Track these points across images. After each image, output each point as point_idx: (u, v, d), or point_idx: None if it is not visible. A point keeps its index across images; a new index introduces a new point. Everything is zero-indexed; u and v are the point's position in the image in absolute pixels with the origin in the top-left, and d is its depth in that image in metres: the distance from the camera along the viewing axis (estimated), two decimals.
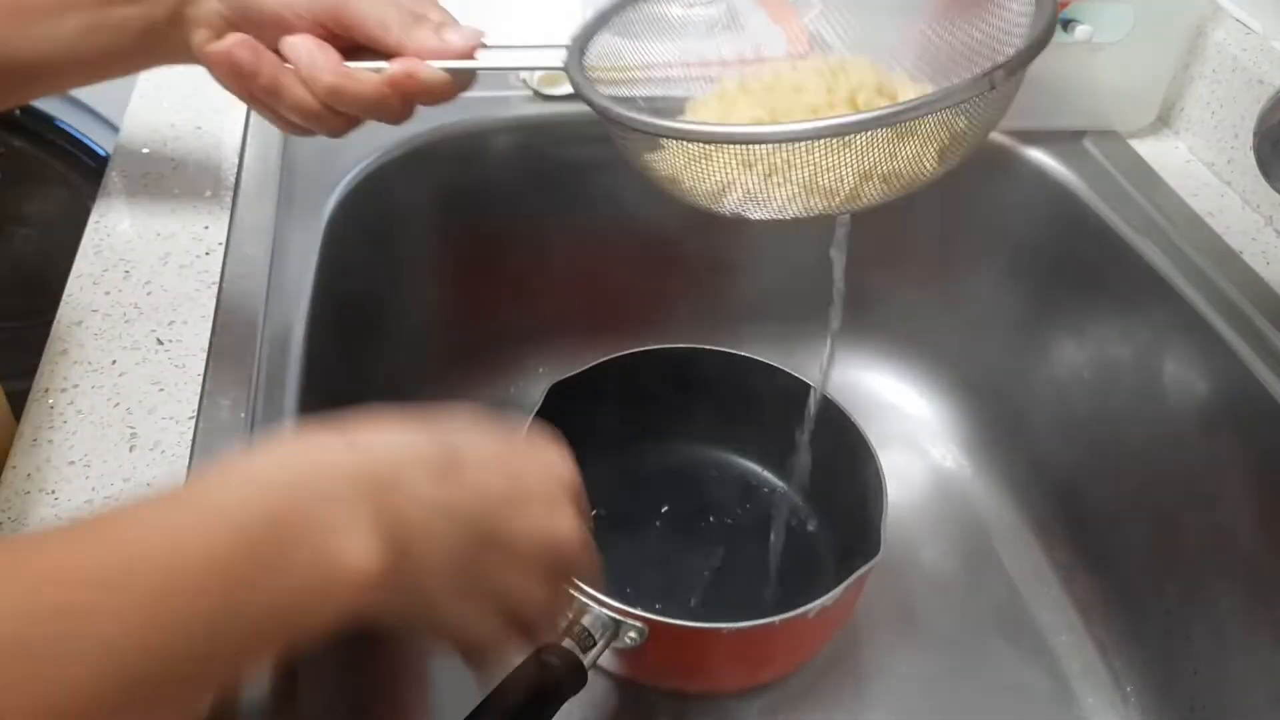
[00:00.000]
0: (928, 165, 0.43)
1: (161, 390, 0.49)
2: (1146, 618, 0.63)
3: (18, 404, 0.48)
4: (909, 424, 0.79)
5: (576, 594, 0.52)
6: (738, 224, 0.46)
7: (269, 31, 0.46)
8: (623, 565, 0.58)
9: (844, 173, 0.41)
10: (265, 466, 0.31)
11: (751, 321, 0.78)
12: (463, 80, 0.50)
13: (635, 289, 0.77)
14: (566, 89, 0.70)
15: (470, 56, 0.49)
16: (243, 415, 0.48)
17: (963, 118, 0.42)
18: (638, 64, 0.69)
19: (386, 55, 0.48)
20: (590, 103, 0.45)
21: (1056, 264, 0.69)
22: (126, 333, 0.52)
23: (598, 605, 0.52)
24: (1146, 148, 0.70)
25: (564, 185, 0.73)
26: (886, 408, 0.79)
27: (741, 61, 0.71)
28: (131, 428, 0.47)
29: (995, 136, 0.70)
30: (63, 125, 1.17)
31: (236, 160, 0.63)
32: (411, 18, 0.48)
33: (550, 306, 0.78)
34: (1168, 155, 0.70)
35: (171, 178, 0.62)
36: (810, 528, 0.70)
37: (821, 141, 0.40)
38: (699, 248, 0.76)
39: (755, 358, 0.69)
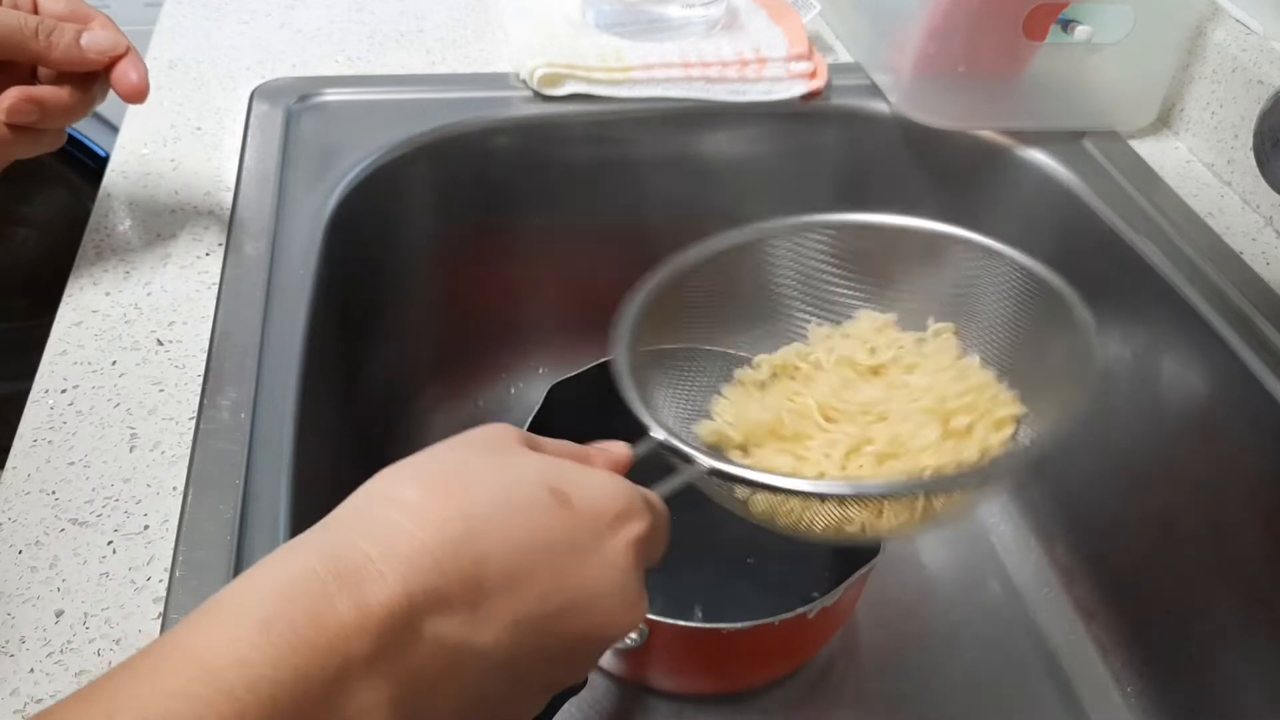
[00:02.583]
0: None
1: (161, 390, 0.49)
2: (1146, 618, 0.63)
3: (18, 404, 0.48)
4: None
5: None
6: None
7: None
8: None
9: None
10: (277, 642, 0.26)
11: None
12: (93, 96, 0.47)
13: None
14: (567, 89, 0.70)
15: (110, 62, 0.47)
16: (243, 415, 0.48)
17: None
18: (639, 64, 0.70)
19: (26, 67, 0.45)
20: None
21: (1056, 264, 0.69)
22: (126, 333, 0.52)
23: None
24: (1146, 148, 0.70)
25: (564, 185, 0.73)
26: None
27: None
28: (131, 428, 0.47)
29: (995, 137, 0.70)
30: None
31: (236, 161, 0.63)
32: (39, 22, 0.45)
33: (550, 306, 0.78)
34: (1168, 155, 0.70)
35: (171, 178, 0.62)
36: None
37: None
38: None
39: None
